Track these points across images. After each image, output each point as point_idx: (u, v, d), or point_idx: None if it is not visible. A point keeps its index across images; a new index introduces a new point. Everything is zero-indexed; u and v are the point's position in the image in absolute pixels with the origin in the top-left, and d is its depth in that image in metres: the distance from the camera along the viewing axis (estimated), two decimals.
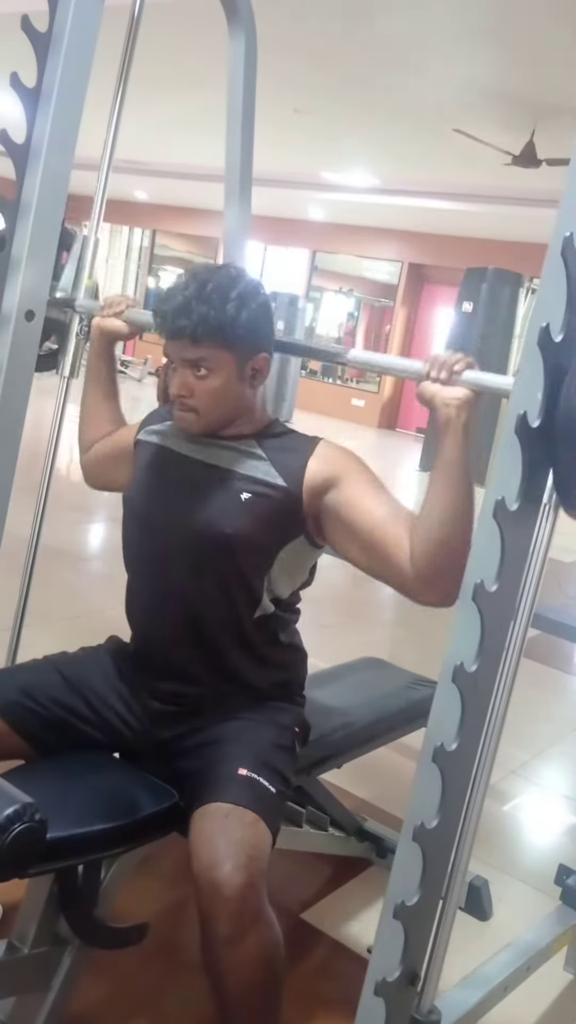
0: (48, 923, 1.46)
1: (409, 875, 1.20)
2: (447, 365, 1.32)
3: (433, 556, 1.34)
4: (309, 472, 1.48)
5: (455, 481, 1.32)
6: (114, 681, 1.60)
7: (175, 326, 1.45)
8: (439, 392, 1.32)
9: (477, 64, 5.45)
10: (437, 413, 1.32)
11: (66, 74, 1.51)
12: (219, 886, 1.26)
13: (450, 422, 1.31)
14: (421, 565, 1.35)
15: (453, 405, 1.31)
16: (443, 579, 1.31)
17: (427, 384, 1.34)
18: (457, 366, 1.31)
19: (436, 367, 1.33)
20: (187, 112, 7.70)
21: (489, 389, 1.30)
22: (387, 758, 2.33)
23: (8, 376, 1.51)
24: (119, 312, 1.77)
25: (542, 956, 1.80)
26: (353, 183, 10.00)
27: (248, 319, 1.45)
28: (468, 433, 1.32)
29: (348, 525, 1.45)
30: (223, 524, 1.47)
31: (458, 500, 1.32)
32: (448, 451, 1.33)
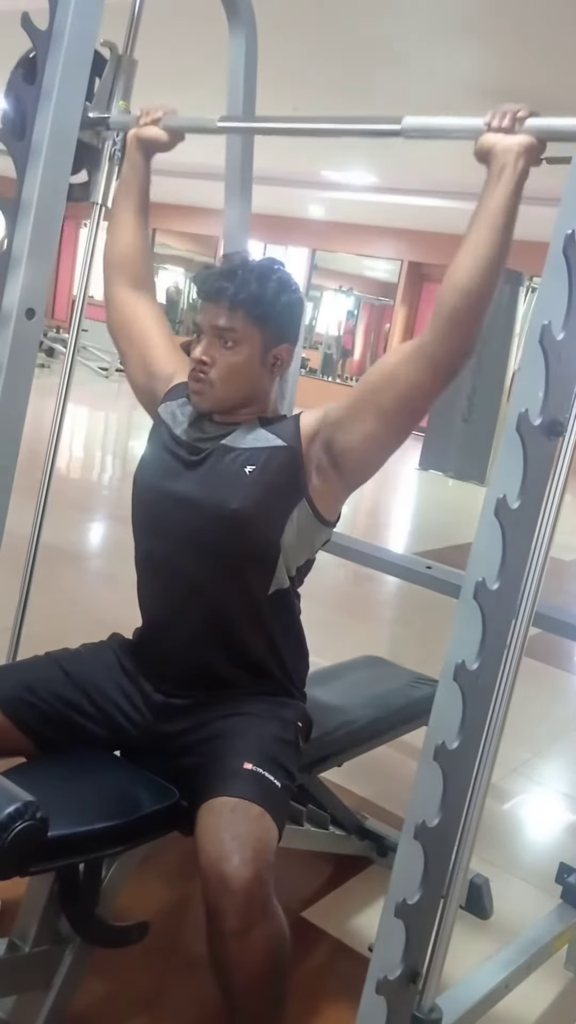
0: (49, 921, 1.46)
1: (410, 873, 1.21)
2: (509, 112, 1.29)
3: (456, 304, 1.32)
4: (302, 425, 1.52)
5: (496, 230, 1.29)
6: (116, 676, 1.60)
7: (216, 286, 1.49)
8: (500, 140, 1.29)
9: (476, 62, 5.45)
10: (494, 161, 1.29)
11: (66, 72, 1.51)
12: (227, 880, 1.27)
13: (506, 169, 1.28)
14: (441, 313, 1.34)
15: (513, 151, 1.28)
16: (459, 328, 1.32)
17: (488, 135, 1.31)
18: (520, 113, 1.29)
19: (498, 116, 1.30)
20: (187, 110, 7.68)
21: (557, 133, 1.26)
22: (388, 757, 2.33)
23: (8, 374, 1.52)
24: (157, 119, 1.72)
25: (543, 954, 1.80)
26: (352, 181, 10.00)
27: (285, 303, 1.51)
28: (521, 183, 1.29)
29: (355, 409, 1.46)
30: (229, 501, 1.48)
31: (495, 250, 1.30)
32: (496, 198, 1.29)
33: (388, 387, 1.42)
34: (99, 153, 1.87)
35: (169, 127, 1.71)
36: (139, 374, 1.71)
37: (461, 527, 6.81)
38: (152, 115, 1.72)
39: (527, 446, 1.12)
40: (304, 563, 1.59)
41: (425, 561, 2.55)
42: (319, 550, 1.62)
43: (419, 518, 7.68)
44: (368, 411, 1.44)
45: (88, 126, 1.78)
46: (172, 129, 1.71)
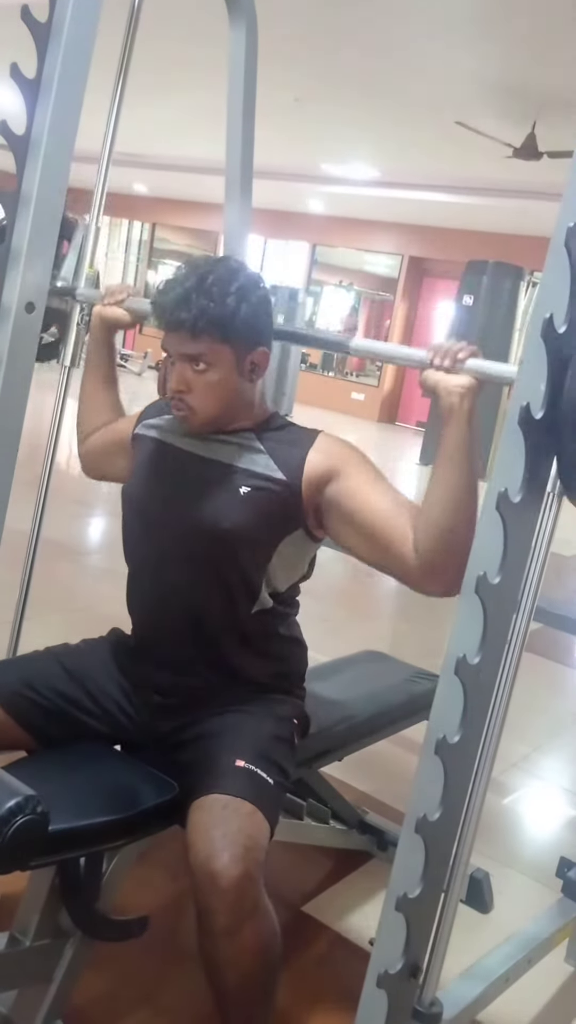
0: (50, 915, 1.46)
1: (411, 867, 1.21)
2: (450, 353, 1.32)
3: (437, 546, 1.33)
4: (309, 465, 1.48)
5: (459, 469, 1.32)
6: (115, 673, 1.60)
7: (174, 318, 1.43)
8: (442, 380, 1.32)
9: (479, 56, 5.43)
10: (440, 401, 1.32)
11: (66, 65, 1.50)
12: (216, 877, 1.26)
13: (453, 410, 1.31)
14: (425, 555, 1.35)
15: (456, 393, 1.30)
16: (448, 569, 1.31)
17: (430, 372, 1.34)
18: (461, 354, 1.31)
19: (439, 355, 1.32)
20: (187, 104, 7.68)
21: (492, 377, 1.30)
22: (388, 751, 2.33)
23: (8, 368, 1.51)
24: (120, 300, 1.77)
25: (543, 948, 1.80)
26: (353, 175, 9.98)
27: (248, 313, 1.44)
28: (472, 421, 1.31)
29: (350, 517, 1.45)
30: (221, 519, 1.47)
31: (462, 489, 1.32)
32: (452, 439, 1.32)
33: (381, 542, 1.41)
34: (68, 316, 1.99)
35: (131, 309, 1.77)
36: (122, 462, 1.73)
37: None
38: (115, 296, 1.78)
39: (528, 441, 1.11)
40: (287, 588, 1.59)
41: None
42: (312, 558, 1.62)
43: None
44: (356, 535, 1.45)
45: (56, 294, 1.89)
46: (133, 311, 1.77)
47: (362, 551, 1.46)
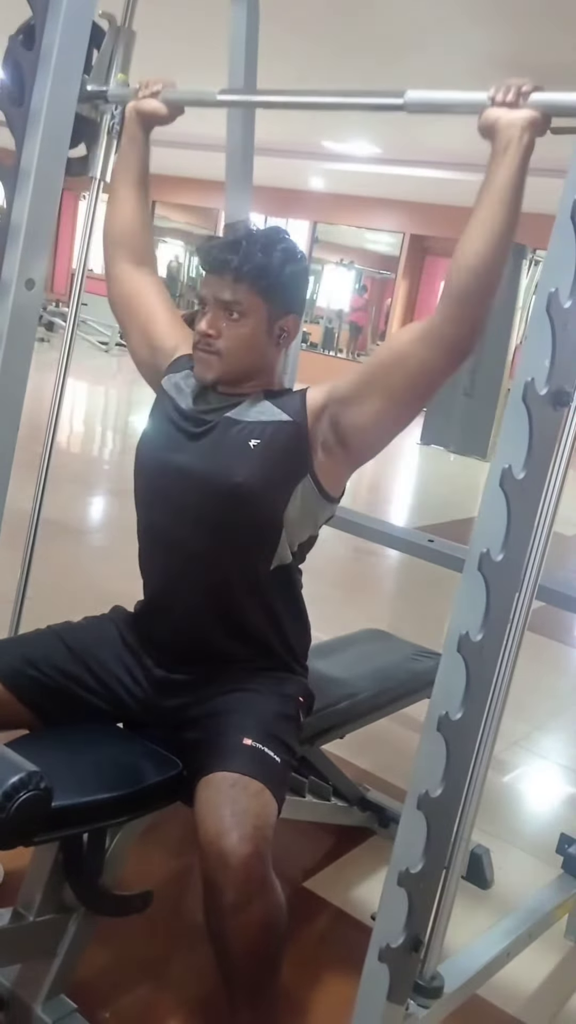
0: (53, 891, 1.47)
1: (413, 843, 1.21)
2: (514, 86, 1.28)
3: (471, 279, 1.31)
4: (309, 401, 1.51)
5: (504, 205, 1.28)
6: (118, 650, 1.60)
7: (221, 258, 1.47)
8: (504, 114, 1.28)
9: (482, 31, 5.37)
10: (498, 135, 1.28)
11: (65, 36, 1.48)
12: (226, 856, 1.27)
13: (512, 143, 1.27)
14: (457, 291, 1.32)
15: (518, 125, 1.26)
16: (477, 304, 1.31)
17: (492, 109, 1.29)
18: (525, 87, 1.28)
19: (502, 90, 1.29)
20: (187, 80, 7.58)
21: (560, 108, 1.24)
22: (389, 729, 2.34)
23: (8, 345, 1.50)
24: (156, 92, 1.69)
25: (544, 924, 1.81)
26: (354, 152, 9.89)
27: (292, 273, 1.49)
28: (527, 157, 1.28)
29: (364, 388, 1.45)
30: (233, 474, 1.47)
31: (503, 225, 1.29)
32: (503, 174, 1.27)
33: (398, 367, 1.40)
34: (97, 127, 1.85)
35: (168, 100, 1.68)
36: (142, 348, 1.70)
37: (462, 502, 6.80)
38: (151, 88, 1.70)
39: (533, 416, 1.11)
40: (307, 539, 1.58)
41: (427, 535, 2.55)
42: (323, 525, 1.61)
43: (420, 493, 7.68)
44: (376, 390, 1.43)
45: (86, 99, 1.76)
46: (171, 102, 1.69)
47: (397, 384, 1.42)
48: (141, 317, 1.70)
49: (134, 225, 1.74)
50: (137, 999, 1.67)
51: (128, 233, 1.74)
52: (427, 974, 1.38)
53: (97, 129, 1.85)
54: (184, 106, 1.69)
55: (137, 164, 1.74)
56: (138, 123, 1.72)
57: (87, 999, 1.54)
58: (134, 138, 1.73)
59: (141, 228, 1.75)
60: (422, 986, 1.38)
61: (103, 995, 1.63)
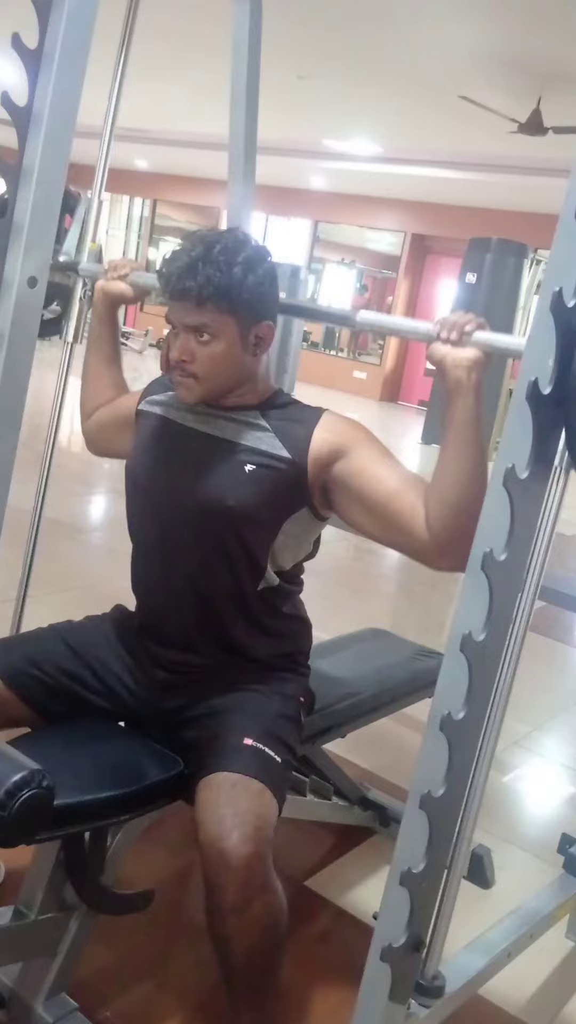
0: (55, 889, 1.47)
1: (415, 843, 1.21)
2: (457, 325, 1.30)
3: (449, 521, 1.32)
4: (315, 443, 1.46)
5: (468, 443, 1.31)
6: (119, 650, 1.60)
7: (180, 286, 1.42)
8: (450, 353, 1.30)
9: (483, 30, 5.36)
10: (447, 375, 1.30)
11: (68, 35, 1.47)
12: (226, 856, 1.27)
13: (461, 384, 1.30)
14: (437, 531, 1.34)
15: (463, 366, 1.29)
16: (461, 544, 1.29)
17: (437, 345, 1.32)
18: (468, 326, 1.29)
19: (446, 328, 1.31)
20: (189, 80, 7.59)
21: (500, 350, 1.28)
22: (390, 728, 2.34)
23: (11, 344, 1.49)
24: (123, 275, 1.74)
25: (545, 924, 1.81)
26: (356, 151, 9.89)
27: (254, 284, 1.43)
28: (479, 394, 1.30)
29: (359, 495, 1.44)
30: (226, 496, 1.46)
31: (472, 462, 1.31)
32: (460, 413, 1.31)
33: (383, 526, 1.42)
34: (70, 291, 1.96)
35: (135, 284, 1.74)
36: (121, 440, 1.72)
37: None
38: (119, 271, 1.74)
39: (536, 415, 1.10)
40: (303, 558, 1.59)
41: None
42: (316, 538, 1.61)
43: None
44: (364, 514, 1.44)
45: (58, 269, 1.88)
46: (137, 286, 1.74)
47: (372, 529, 1.45)
48: (116, 434, 1.75)
49: (108, 395, 1.80)
50: (138, 998, 1.67)
51: (102, 403, 1.80)
52: (429, 974, 1.38)
53: (70, 293, 1.96)
54: (150, 291, 1.73)
55: (108, 342, 1.82)
56: (105, 303, 1.78)
57: (88, 998, 1.54)
58: (101, 318, 1.80)
59: (115, 395, 1.80)
60: (424, 986, 1.38)
61: (104, 994, 1.63)
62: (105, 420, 1.78)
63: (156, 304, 1.57)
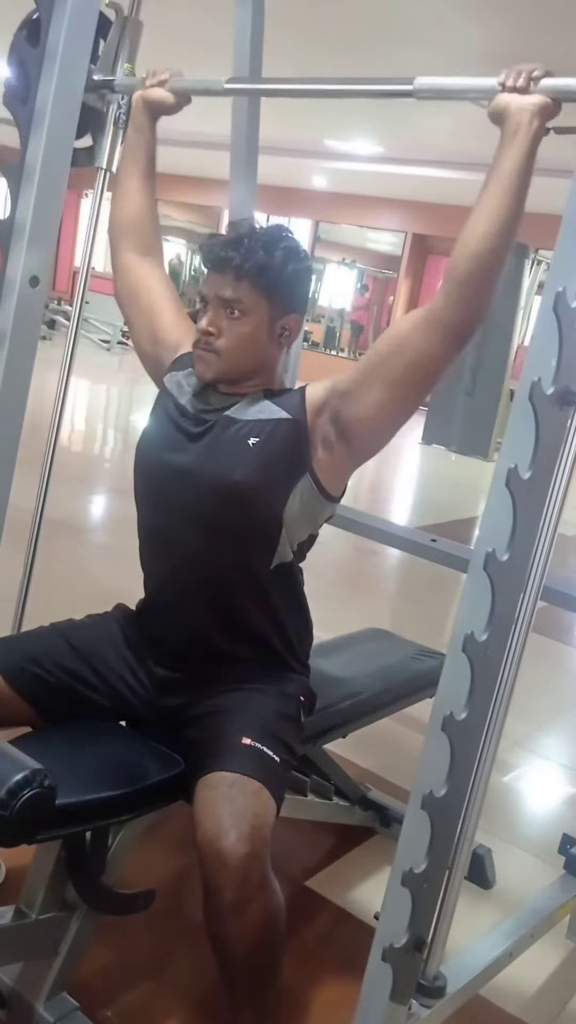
0: (56, 889, 1.47)
1: (417, 843, 1.21)
2: (525, 71, 1.27)
3: (474, 265, 1.29)
4: (308, 396, 1.50)
5: (512, 191, 1.27)
6: (120, 648, 1.60)
7: (222, 256, 1.46)
8: (514, 100, 1.27)
9: (485, 29, 5.36)
10: (508, 121, 1.27)
11: (71, 33, 1.48)
12: (223, 856, 1.27)
13: (521, 129, 1.25)
14: (460, 276, 1.31)
15: (528, 110, 1.25)
16: (480, 290, 1.30)
17: (502, 95, 1.28)
18: (536, 72, 1.27)
19: (512, 76, 1.28)
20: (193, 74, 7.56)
21: (572, 94, 1.23)
22: (391, 729, 2.34)
23: (13, 342, 1.50)
24: (163, 81, 1.67)
25: (546, 924, 1.81)
26: (357, 151, 9.88)
27: (292, 273, 1.48)
28: (535, 144, 1.27)
29: (362, 379, 1.43)
30: (232, 472, 1.46)
31: (509, 213, 1.27)
32: (510, 161, 1.26)
33: (398, 356, 1.39)
34: (104, 117, 1.83)
35: (175, 89, 1.67)
36: (146, 343, 1.69)
37: (463, 502, 6.80)
38: (158, 77, 1.68)
39: (539, 416, 1.10)
40: (307, 538, 1.58)
41: (430, 535, 2.55)
42: (323, 524, 1.60)
43: (421, 492, 7.68)
44: (377, 381, 1.42)
45: (92, 89, 1.75)
46: (178, 91, 1.68)
47: (394, 372, 1.41)
48: (146, 310, 1.69)
49: (141, 216, 1.72)
50: (139, 997, 1.67)
51: (134, 223, 1.72)
52: (430, 974, 1.38)
53: (103, 119, 1.84)
54: (191, 95, 1.68)
55: (143, 154, 1.73)
56: (145, 112, 1.70)
57: (89, 997, 1.54)
58: (140, 127, 1.71)
59: (148, 218, 1.73)
60: (425, 986, 1.38)
61: (105, 993, 1.63)
62: (142, 291, 1.71)
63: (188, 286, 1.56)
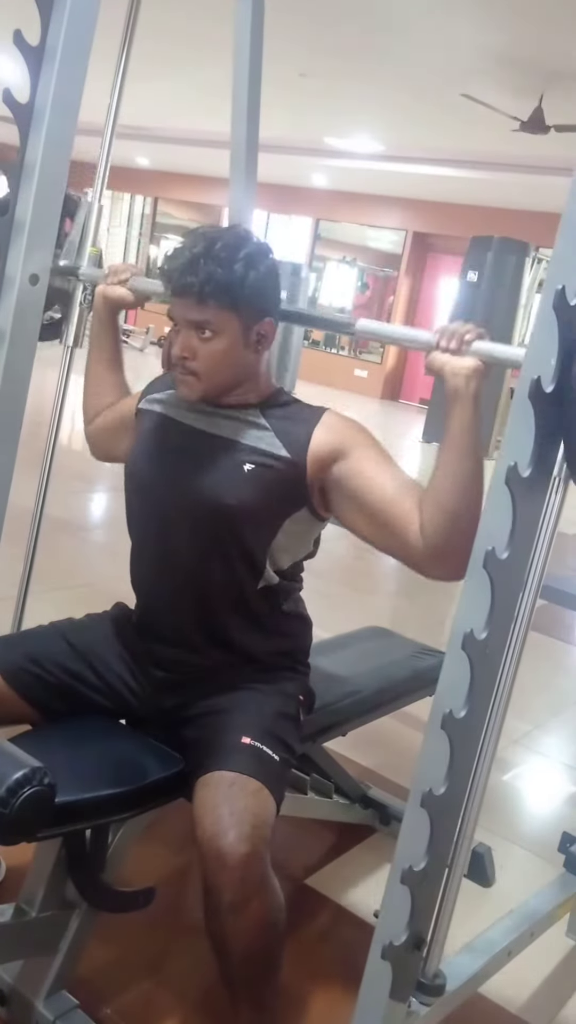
0: (56, 887, 1.48)
1: (417, 841, 1.21)
2: (457, 335, 1.30)
3: (443, 530, 1.32)
4: (314, 443, 1.46)
5: (465, 452, 1.31)
6: (119, 648, 1.60)
7: (181, 283, 1.42)
8: (449, 362, 1.30)
9: (485, 28, 5.36)
10: (446, 384, 1.30)
11: (70, 31, 1.47)
12: (223, 855, 1.27)
13: (459, 392, 1.29)
14: (432, 539, 1.34)
15: (462, 375, 1.29)
16: (454, 553, 1.30)
17: (436, 354, 1.32)
18: (468, 336, 1.29)
19: (446, 337, 1.31)
20: (191, 77, 7.58)
21: (500, 360, 1.28)
22: (391, 727, 2.34)
23: (12, 342, 1.50)
24: (123, 280, 1.73)
25: (545, 922, 1.81)
26: (357, 149, 9.88)
27: (256, 280, 1.43)
28: (478, 404, 1.30)
29: (356, 498, 1.44)
30: (225, 495, 1.46)
31: (468, 472, 1.31)
32: (457, 422, 1.31)
33: (387, 525, 1.40)
34: (70, 296, 1.95)
35: (135, 289, 1.73)
36: (124, 442, 1.70)
37: None
38: (119, 276, 1.73)
39: (538, 414, 1.10)
40: (302, 557, 1.58)
41: None
42: (317, 538, 1.60)
43: None
44: (360, 516, 1.44)
45: (59, 273, 1.87)
46: (138, 292, 1.73)
47: (367, 532, 1.45)
48: (122, 438, 1.71)
49: (110, 399, 1.78)
50: (139, 995, 1.67)
51: (103, 405, 1.78)
52: (429, 972, 1.37)
53: (70, 298, 1.95)
54: (150, 296, 1.72)
55: (109, 344, 1.80)
56: (105, 307, 1.76)
57: (88, 995, 1.54)
58: (102, 321, 1.78)
59: (117, 399, 1.78)
60: (424, 984, 1.38)
61: (105, 991, 1.64)
62: (107, 424, 1.77)
63: (158, 303, 1.55)
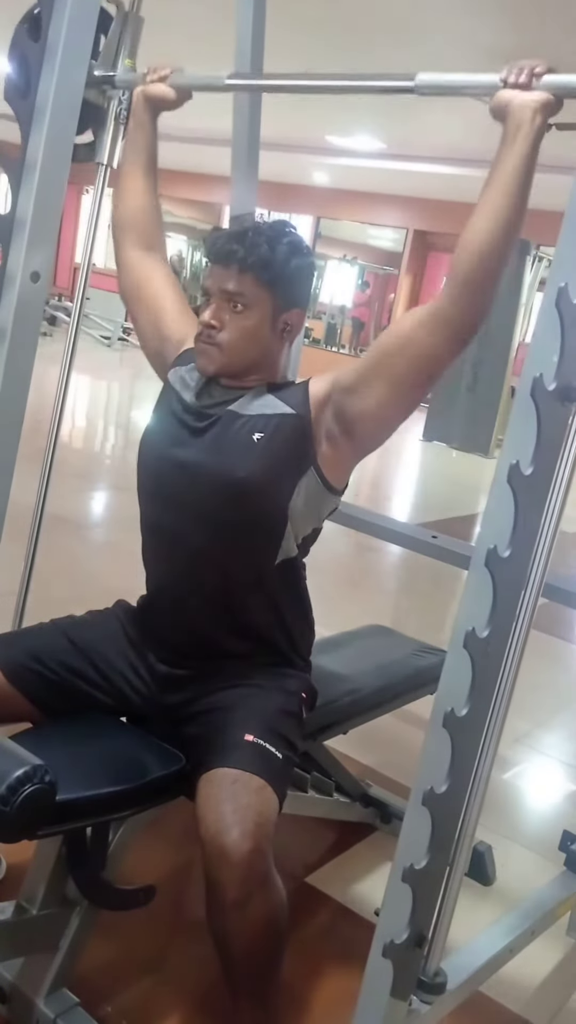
0: (56, 884, 1.48)
1: (418, 839, 1.21)
2: (527, 68, 1.26)
3: (477, 262, 1.29)
4: (311, 391, 1.50)
5: (514, 190, 1.26)
6: (121, 645, 1.60)
7: (226, 249, 1.46)
8: (516, 96, 1.26)
9: (486, 25, 5.35)
10: (509, 120, 1.26)
11: (71, 28, 1.48)
12: (226, 852, 1.27)
13: (522, 126, 1.24)
14: (463, 274, 1.31)
15: (530, 107, 1.24)
16: (483, 287, 1.30)
17: (504, 92, 1.27)
18: (538, 68, 1.26)
19: (515, 71, 1.27)
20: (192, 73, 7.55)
21: (573, 91, 1.23)
22: (392, 725, 2.34)
23: (13, 338, 1.50)
24: (164, 76, 1.67)
25: (546, 921, 1.81)
26: (359, 147, 9.87)
27: (296, 267, 1.49)
28: (538, 142, 1.26)
29: (367, 372, 1.43)
30: (236, 468, 1.46)
31: (511, 211, 1.27)
32: (511, 160, 1.26)
33: (402, 352, 1.39)
34: (104, 113, 1.83)
35: (176, 85, 1.67)
36: (151, 338, 1.69)
37: (464, 499, 6.80)
38: (159, 72, 1.68)
39: (541, 412, 1.10)
40: (311, 532, 1.57)
41: (431, 531, 2.54)
42: (326, 519, 1.60)
43: (422, 489, 7.67)
44: (381, 376, 1.41)
45: (93, 85, 1.74)
46: (179, 86, 1.67)
47: (397, 368, 1.40)
48: (150, 306, 1.69)
49: (143, 211, 1.72)
50: (139, 993, 1.67)
51: (137, 219, 1.72)
52: (430, 970, 1.37)
53: (104, 115, 1.83)
54: (193, 91, 1.67)
55: (145, 150, 1.73)
56: (146, 108, 1.70)
57: (89, 993, 1.54)
58: (142, 123, 1.71)
59: (150, 214, 1.73)
60: (425, 982, 1.38)
61: (105, 989, 1.64)
62: (143, 282, 1.70)
63: None
